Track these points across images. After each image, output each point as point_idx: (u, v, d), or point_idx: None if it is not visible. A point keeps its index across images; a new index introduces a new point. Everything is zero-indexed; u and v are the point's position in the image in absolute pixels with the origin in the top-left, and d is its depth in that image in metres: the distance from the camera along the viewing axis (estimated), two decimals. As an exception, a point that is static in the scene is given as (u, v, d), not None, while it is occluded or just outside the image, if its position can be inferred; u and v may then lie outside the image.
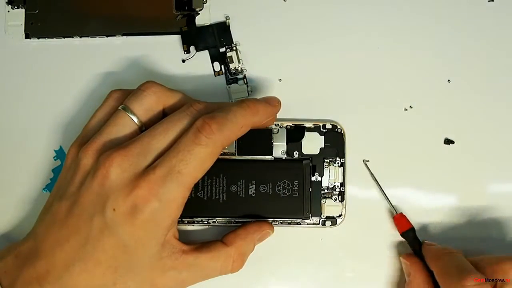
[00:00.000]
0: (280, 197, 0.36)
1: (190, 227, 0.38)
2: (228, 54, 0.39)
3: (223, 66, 0.39)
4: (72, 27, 0.39)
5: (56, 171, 0.39)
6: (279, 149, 0.37)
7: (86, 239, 0.31)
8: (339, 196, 0.37)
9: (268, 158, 0.37)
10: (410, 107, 0.39)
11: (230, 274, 0.34)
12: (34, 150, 0.39)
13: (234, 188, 0.36)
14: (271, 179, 0.36)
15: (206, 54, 0.39)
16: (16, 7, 0.39)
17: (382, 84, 0.39)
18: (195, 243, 0.34)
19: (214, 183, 0.36)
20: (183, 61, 0.39)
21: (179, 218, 0.34)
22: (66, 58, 0.39)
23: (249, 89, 0.39)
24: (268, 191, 0.36)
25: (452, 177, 0.38)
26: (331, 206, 0.37)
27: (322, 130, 0.38)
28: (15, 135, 0.39)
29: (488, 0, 0.39)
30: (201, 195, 0.36)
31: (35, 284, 0.31)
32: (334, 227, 0.37)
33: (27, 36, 0.39)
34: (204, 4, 0.39)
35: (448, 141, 0.38)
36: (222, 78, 0.39)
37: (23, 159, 0.39)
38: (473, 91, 0.39)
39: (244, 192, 0.36)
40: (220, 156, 0.33)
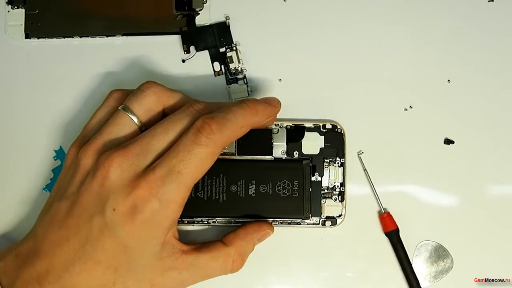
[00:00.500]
0: (280, 197, 0.36)
1: (190, 227, 0.38)
2: (228, 54, 0.39)
3: (223, 66, 0.39)
4: (72, 27, 0.39)
5: (56, 171, 0.39)
6: (279, 149, 0.37)
7: (86, 239, 0.31)
8: (339, 196, 0.37)
9: (268, 158, 0.37)
10: (410, 107, 0.39)
11: (230, 274, 0.34)
12: (34, 150, 0.39)
13: (234, 188, 0.36)
14: (271, 179, 0.36)
15: (206, 54, 0.39)
16: (16, 7, 0.39)
17: (382, 84, 0.39)
18: (195, 243, 0.34)
19: (214, 183, 0.36)
20: (183, 61, 0.39)
21: (179, 218, 0.34)
22: (66, 58, 0.39)
23: (249, 89, 0.39)
24: (268, 191, 0.36)
25: (452, 177, 0.38)
26: (331, 206, 0.37)
27: (322, 130, 0.38)
28: (15, 135, 0.39)
29: (488, 0, 0.39)
30: (201, 195, 0.36)
31: (35, 284, 0.31)
32: (334, 227, 0.37)
33: (27, 36, 0.39)
34: (204, 4, 0.39)
35: (448, 141, 0.38)
36: (222, 78, 0.39)
37: (23, 159, 0.39)
38: (473, 91, 0.39)
39: (244, 192, 0.36)
40: (220, 156, 0.33)
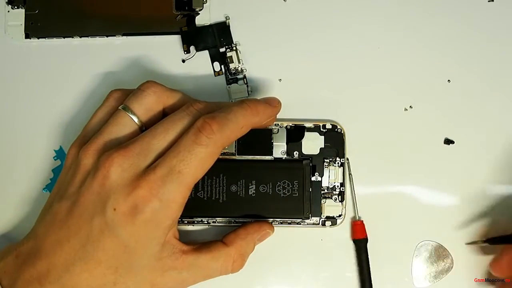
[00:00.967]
0: (280, 197, 0.36)
1: (190, 227, 0.38)
2: (228, 54, 0.39)
3: (223, 66, 0.39)
4: (72, 27, 0.39)
5: (56, 171, 0.39)
6: (279, 149, 0.37)
7: (87, 239, 0.31)
8: (339, 196, 0.37)
9: (268, 158, 0.37)
10: (410, 107, 0.39)
11: (230, 274, 0.34)
12: (34, 150, 0.39)
13: (234, 188, 0.36)
14: (271, 179, 0.36)
15: (206, 54, 0.39)
16: (16, 7, 0.39)
17: (382, 84, 0.39)
18: (195, 243, 0.34)
19: (214, 183, 0.36)
20: (183, 61, 0.39)
21: (179, 218, 0.34)
22: (66, 58, 0.39)
23: (249, 89, 0.39)
24: (268, 191, 0.36)
25: (452, 177, 0.38)
26: (331, 206, 0.37)
27: (322, 130, 0.38)
28: (15, 135, 0.39)
29: (488, 0, 0.39)
30: (201, 195, 0.36)
31: (36, 284, 0.31)
32: (334, 227, 0.37)
33: (27, 36, 0.39)
34: (204, 4, 0.39)
35: (448, 141, 0.38)
36: (222, 78, 0.39)
37: (23, 159, 0.39)
38: (473, 91, 0.39)
39: (244, 192, 0.36)
40: (220, 156, 0.33)
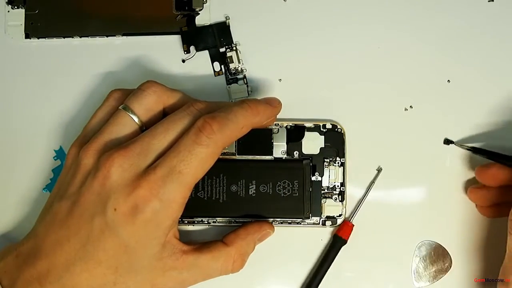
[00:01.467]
0: (280, 197, 0.36)
1: (191, 227, 0.38)
2: (228, 54, 0.39)
3: (223, 66, 0.39)
4: (72, 27, 0.39)
5: (56, 171, 0.39)
6: (279, 149, 0.37)
7: (87, 239, 0.31)
8: (339, 196, 0.37)
9: (268, 158, 0.37)
10: (410, 107, 0.39)
11: (231, 274, 0.34)
12: (34, 150, 0.39)
13: (234, 188, 0.36)
14: (271, 179, 0.36)
15: (206, 54, 0.39)
16: (16, 7, 0.39)
17: (382, 84, 0.39)
18: (196, 243, 0.34)
19: (214, 183, 0.36)
20: (183, 61, 0.39)
21: (180, 218, 0.34)
22: (66, 58, 0.39)
23: (249, 89, 0.39)
24: (268, 191, 0.36)
25: (452, 176, 0.38)
26: (331, 206, 0.37)
27: (322, 130, 0.38)
28: (15, 135, 0.39)
29: (488, 0, 0.40)
30: (201, 195, 0.36)
31: (36, 284, 0.31)
32: (334, 227, 0.37)
33: (27, 36, 0.39)
34: (204, 4, 0.39)
35: (447, 141, 0.38)
36: (222, 78, 0.39)
37: (23, 159, 0.39)
38: (473, 91, 0.39)
39: (244, 192, 0.36)
40: (220, 156, 0.33)
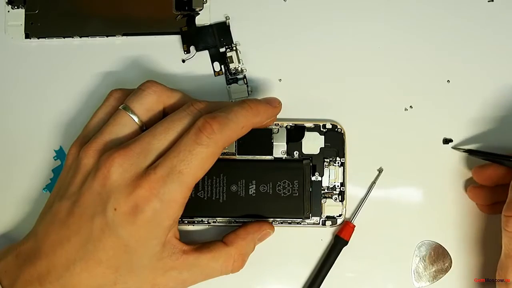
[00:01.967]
0: (280, 197, 0.36)
1: (191, 227, 0.38)
2: (228, 54, 0.39)
3: (223, 66, 0.39)
4: (72, 27, 0.39)
5: (56, 171, 0.39)
6: (279, 149, 0.37)
7: (87, 238, 0.31)
8: (339, 196, 0.37)
9: (268, 158, 0.37)
10: (410, 107, 0.39)
11: (231, 274, 0.34)
12: (34, 150, 0.39)
13: (234, 188, 0.36)
14: (271, 179, 0.36)
15: (206, 54, 0.39)
16: (16, 7, 0.39)
17: (382, 84, 0.39)
18: (196, 243, 0.34)
19: (214, 183, 0.36)
20: (183, 61, 0.39)
21: (180, 218, 0.34)
22: (66, 58, 0.39)
23: (249, 89, 0.39)
24: (268, 191, 0.36)
25: (452, 176, 0.38)
26: (331, 206, 0.37)
27: (322, 130, 0.38)
28: (15, 135, 0.39)
29: (488, 0, 0.40)
30: (201, 195, 0.36)
31: (36, 284, 0.31)
32: (334, 227, 0.37)
33: (27, 36, 0.39)
34: (204, 4, 0.39)
35: (447, 141, 0.38)
36: (222, 78, 0.39)
37: (23, 159, 0.39)
38: (473, 91, 0.39)
39: (244, 192, 0.36)
40: (221, 156, 0.33)
